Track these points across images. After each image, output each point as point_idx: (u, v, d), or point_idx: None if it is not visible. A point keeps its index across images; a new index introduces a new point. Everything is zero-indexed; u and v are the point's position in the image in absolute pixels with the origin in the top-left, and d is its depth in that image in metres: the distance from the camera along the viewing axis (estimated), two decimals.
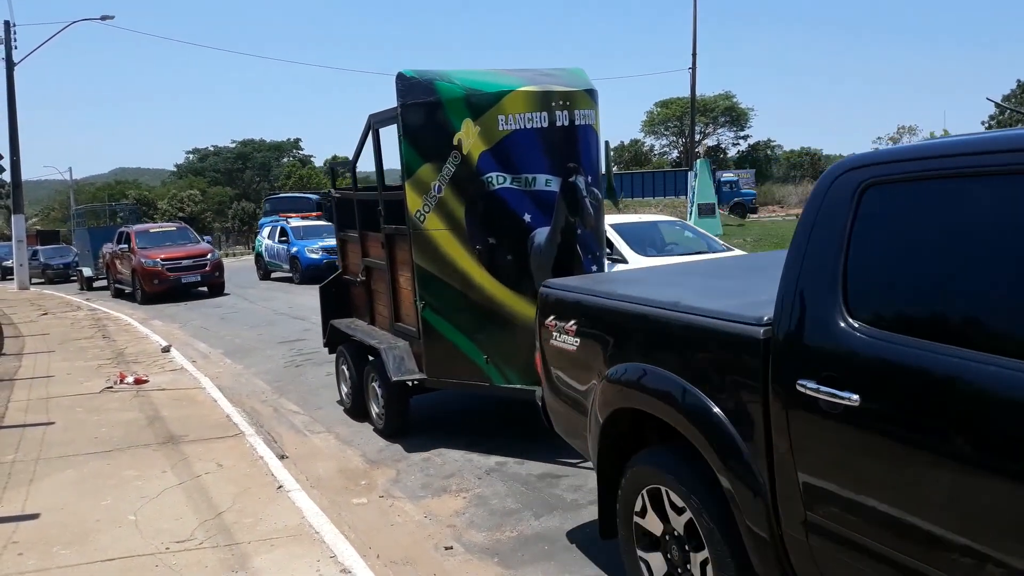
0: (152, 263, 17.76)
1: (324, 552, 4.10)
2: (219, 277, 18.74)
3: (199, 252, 18.81)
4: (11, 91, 24.41)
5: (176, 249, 18.58)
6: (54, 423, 6.88)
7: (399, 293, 6.20)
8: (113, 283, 20.39)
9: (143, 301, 17.61)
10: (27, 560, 4.10)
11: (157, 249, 18.41)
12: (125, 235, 19.31)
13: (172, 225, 22.33)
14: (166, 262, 17.80)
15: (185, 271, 18.03)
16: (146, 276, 17.72)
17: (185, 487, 5.14)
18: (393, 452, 5.97)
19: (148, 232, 19.80)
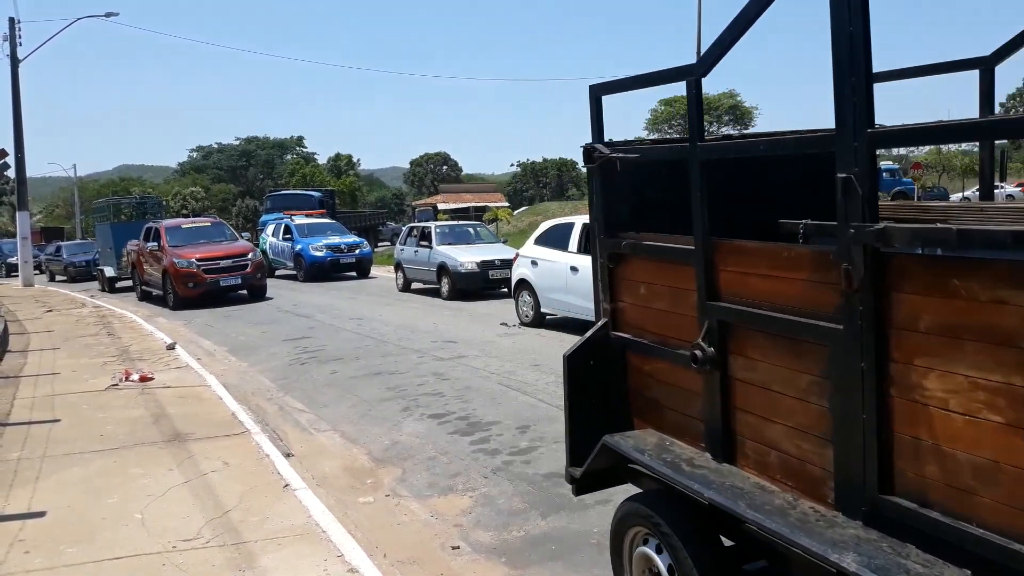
0: (186, 263, 15.77)
1: (331, 551, 4.09)
2: (261, 279, 16.76)
3: (238, 251, 16.69)
4: (16, 88, 24.45)
5: (212, 247, 16.58)
6: (60, 420, 6.88)
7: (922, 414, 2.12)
8: (140, 285, 18.49)
9: (176, 306, 15.75)
10: (34, 558, 4.10)
11: (191, 247, 16.42)
12: (154, 231, 17.33)
13: (207, 220, 20.20)
14: (202, 262, 15.82)
15: (223, 272, 16.02)
16: (179, 278, 15.75)
17: (191, 485, 5.14)
18: (399, 451, 5.96)
19: (180, 228, 17.75)
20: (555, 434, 6.08)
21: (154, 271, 17.07)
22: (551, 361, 8.75)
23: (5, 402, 7.64)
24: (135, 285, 19.06)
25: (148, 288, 17.87)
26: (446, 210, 50.11)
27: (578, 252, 10.42)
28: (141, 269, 18.18)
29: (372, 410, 7.16)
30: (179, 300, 15.78)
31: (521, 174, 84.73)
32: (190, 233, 17.49)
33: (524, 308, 11.61)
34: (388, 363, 9.18)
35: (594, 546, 4.15)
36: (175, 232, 17.19)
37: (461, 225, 19.20)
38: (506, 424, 6.45)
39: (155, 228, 17.45)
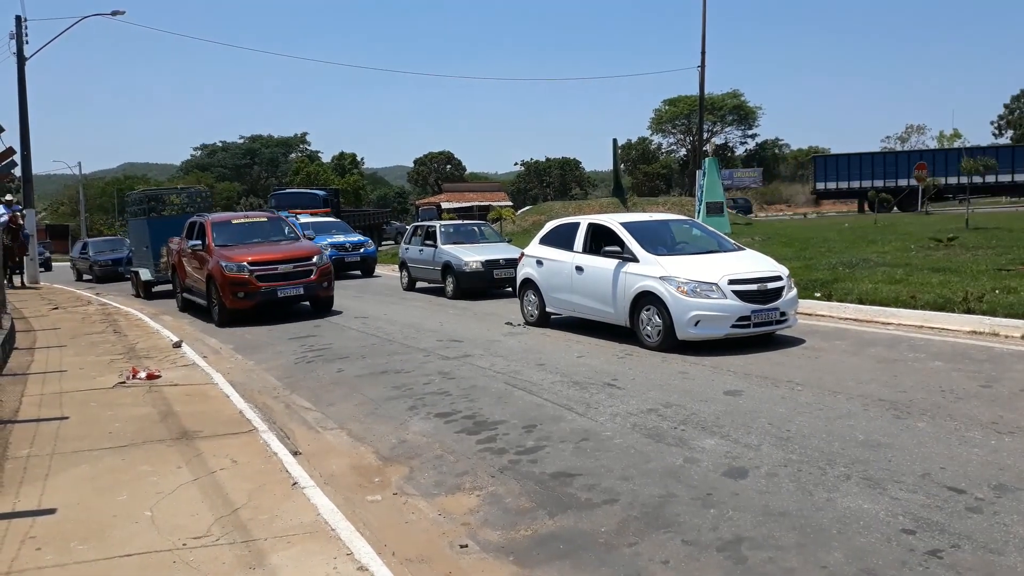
0: (235, 268, 12.75)
1: (340, 549, 4.11)
2: (328, 288, 13.61)
3: (301, 253, 13.49)
4: (22, 86, 24.51)
5: (269, 248, 13.52)
6: (68, 418, 6.91)
7: None
8: (180, 292, 15.48)
9: (222, 322, 12.91)
10: (45, 555, 4.12)
11: (242, 248, 13.36)
12: (199, 227, 14.29)
13: (262, 215, 16.21)
14: (256, 267, 12.77)
15: (282, 280, 12.95)
16: (227, 286, 12.68)
17: (200, 483, 5.16)
18: (406, 449, 5.99)
19: (230, 224, 14.49)
20: (561, 434, 6.10)
21: (198, 276, 14.05)
22: (556, 361, 8.77)
23: (13, 399, 7.67)
24: (175, 292, 16.02)
25: (190, 296, 14.83)
26: (450, 209, 50.13)
27: (583, 252, 10.43)
28: (182, 272, 15.14)
29: (379, 409, 7.18)
30: (226, 314, 12.86)
31: (524, 173, 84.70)
32: (242, 230, 14.28)
33: (529, 308, 11.63)
34: (394, 362, 9.21)
35: (602, 545, 4.17)
36: (223, 229, 14.10)
37: (466, 224, 19.22)
38: (512, 423, 6.47)
39: (200, 224, 14.35)
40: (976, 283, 11.44)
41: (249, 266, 12.77)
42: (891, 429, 5.77)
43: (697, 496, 4.74)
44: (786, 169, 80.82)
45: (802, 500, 4.58)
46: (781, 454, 5.37)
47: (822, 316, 10.96)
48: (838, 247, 19.24)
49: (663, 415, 6.45)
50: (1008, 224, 23.26)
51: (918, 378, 7.21)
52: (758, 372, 7.76)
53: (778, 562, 3.86)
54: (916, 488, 4.65)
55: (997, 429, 5.64)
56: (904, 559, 3.81)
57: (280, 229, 14.96)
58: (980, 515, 4.25)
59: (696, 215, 27.16)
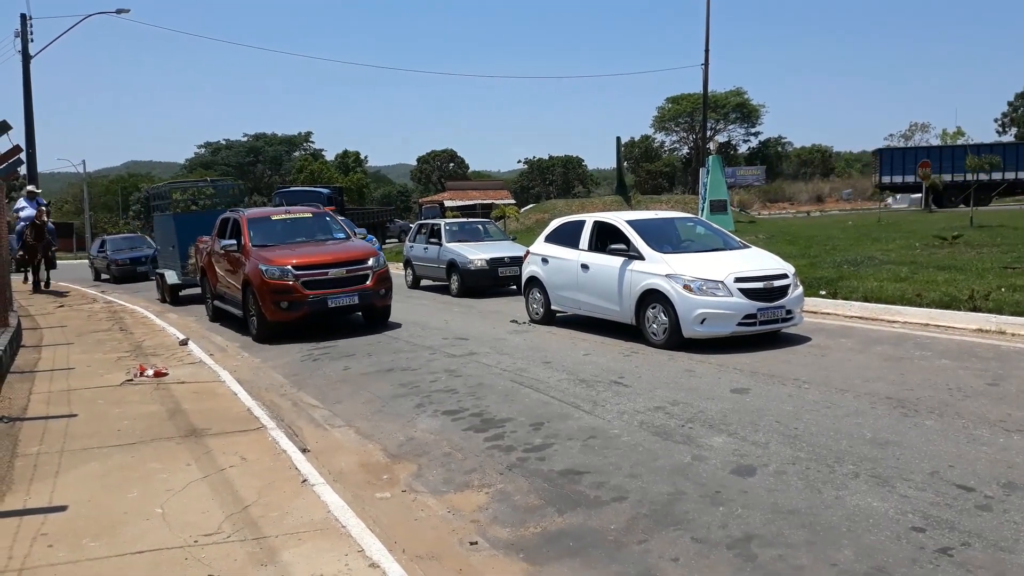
0: (278, 273, 10.69)
1: (351, 546, 4.12)
2: (386, 296, 11.63)
3: (354, 254, 11.50)
4: (27, 84, 24.57)
5: (316, 249, 11.55)
6: (76, 415, 6.94)
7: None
8: (211, 299, 13.46)
9: (261, 335, 10.99)
10: (57, 552, 4.14)
11: (285, 249, 11.39)
12: (232, 224, 12.41)
13: (306, 210, 13.72)
14: (302, 271, 10.79)
15: (333, 287, 10.94)
16: (267, 294, 10.68)
17: (210, 480, 5.18)
18: (414, 447, 6.00)
19: (269, 221, 12.42)
20: (569, 431, 6.11)
21: (232, 281, 12.07)
22: (562, 359, 8.78)
23: (22, 397, 7.70)
24: (205, 298, 13.99)
25: (223, 305, 12.90)
26: (453, 207, 50.14)
27: (589, 250, 10.44)
28: (213, 277, 13.17)
29: (386, 406, 7.20)
30: (266, 327, 10.86)
31: (527, 171, 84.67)
32: (283, 228, 12.31)
33: (534, 305, 11.63)
34: (400, 360, 9.22)
35: (612, 543, 4.18)
36: (261, 226, 12.09)
37: (471, 222, 19.23)
38: (520, 421, 6.48)
39: (234, 220, 12.46)
40: (982, 281, 11.43)
41: (294, 270, 10.69)
42: (899, 427, 5.77)
43: (706, 494, 4.74)
44: (789, 167, 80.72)
45: (811, 498, 4.59)
46: (789, 452, 5.37)
47: (827, 314, 10.96)
48: (842, 245, 19.22)
49: (670, 413, 6.45)
50: (1012, 222, 23.22)
51: (925, 376, 7.21)
52: (765, 370, 7.76)
53: (788, 560, 3.87)
54: (925, 486, 4.65)
55: (1005, 427, 5.64)
56: (914, 557, 3.81)
57: (327, 226, 12.84)
58: (990, 513, 4.25)
59: (700, 213, 27.15)
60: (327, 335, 11.24)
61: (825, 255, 16.77)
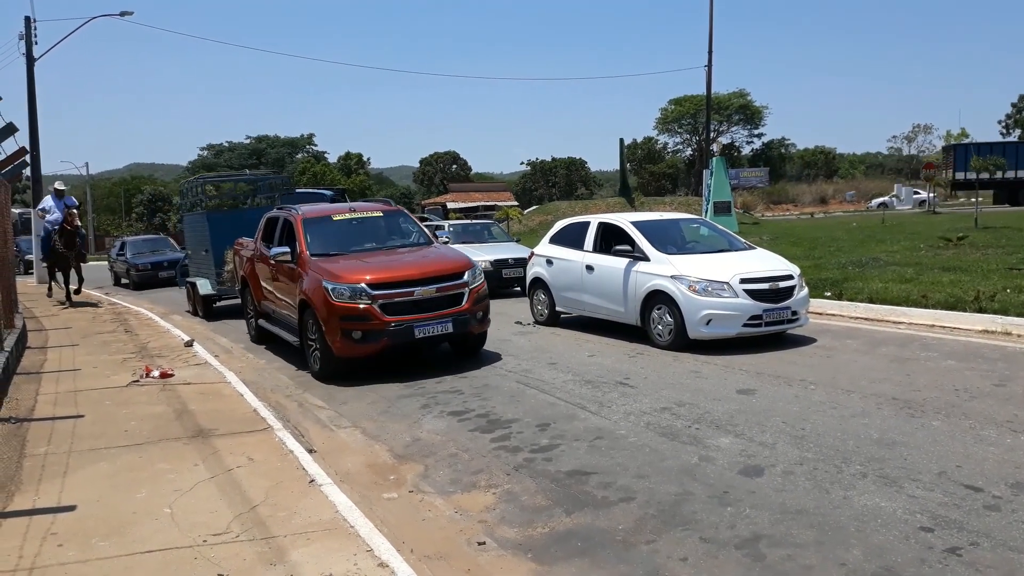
0: (348, 292, 8.16)
1: (360, 546, 4.13)
2: (483, 321, 8.98)
3: (446, 267, 8.79)
4: (31, 86, 24.64)
5: (396, 261, 8.99)
6: (83, 416, 6.95)
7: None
8: (254, 317, 11.01)
9: (326, 372, 8.48)
10: (67, 551, 4.15)
11: (354, 260, 8.81)
12: (283, 226, 9.90)
13: (376, 207, 10.73)
14: (380, 291, 8.19)
15: (421, 311, 8.33)
16: (335, 320, 8.14)
17: (217, 480, 5.19)
18: (420, 448, 6.01)
19: (330, 221, 9.73)
20: (575, 432, 6.12)
21: (284, 299, 9.56)
22: (568, 360, 8.78)
23: (29, 398, 7.72)
24: (246, 314, 11.46)
25: (269, 326, 10.34)
26: (456, 209, 50.17)
27: (594, 251, 10.44)
28: (257, 290, 10.66)
29: (392, 407, 7.20)
30: (332, 363, 8.37)
31: (530, 173, 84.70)
32: (348, 231, 9.66)
33: (539, 307, 11.64)
34: (405, 360, 9.22)
35: (620, 543, 4.18)
36: (321, 229, 9.46)
37: (474, 224, 19.24)
38: (526, 422, 6.49)
39: (284, 221, 9.91)
40: (987, 282, 11.41)
41: (369, 289, 8.11)
42: (906, 428, 5.77)
43: (714, 494, 4.74)
44: (792, 169, 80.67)
45: (819, 498, 4.58)
46: (796, 452, 5.37)
47: (833, 315, 10.95)
48: (847, 247, 19.20)
49: (677, 414, 6.45)
50: (1017, 223, 23.17)
51: (931, 377, 7.20)
52: (770, 371, 7.75)
53: (797, 559, 3.87)
54: (933, 486, 4.65)
55: (1012, 427, 5.64)
56: (923, 557, 3.81)
57: (403, 228, 10.21)
58: (998, 513, 4.25)
59: (704, 214, 27.15)
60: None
61: (830, 256, 16.76)
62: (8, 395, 7.72)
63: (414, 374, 8.50)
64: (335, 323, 8.15)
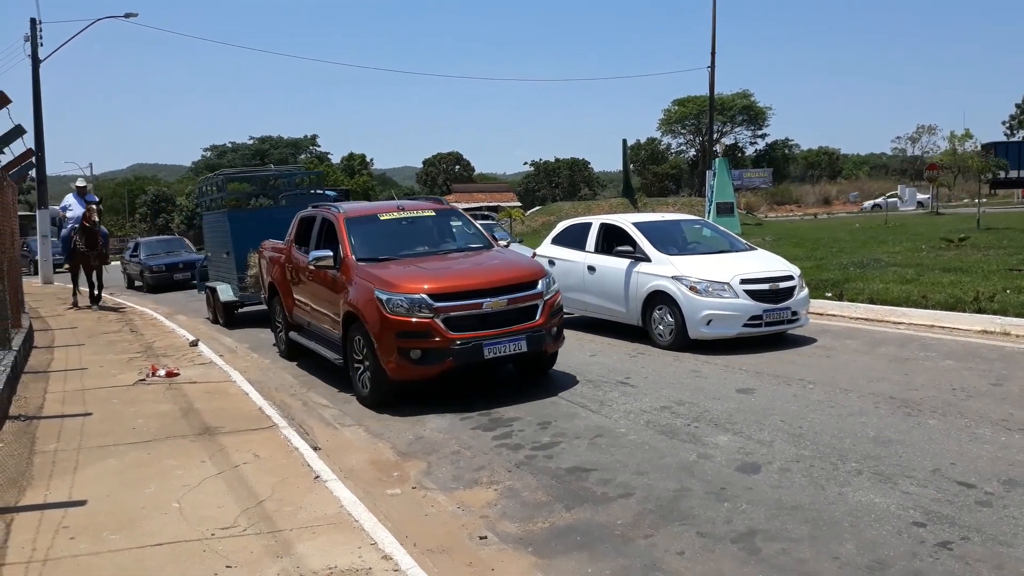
0: (405, 304, 7.00)
1: (364, 539, 4.22)
2: (559, 338, 7.76)
3: (517, 274, 7.55)
4: (36, 88, 24.76)
5: (459, 268, 7.82)
6: (91, 414, 7.05)
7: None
8: (284, 329, 9.81)
9: (377, 397, 7.30)
10: (79, 544, 4.25)
11: (408, 266, 7.70)
12: (321, 226, 8.77)
13: (426, 205, 9.22)
14: (444, 302, 7.02)
15: (490, 327, 7.15)
16: (390, 336, 6.99)
17: (225, 476, 5.29)
18: (423, 445, 6.10)
19: (376, 221, 8.53)
20: (576, 430, 6.21)
21: (322, 310, 8.41)
22: (569, 359, 8.86)
23: (37, 396, 7.83)
24: (273, 325, 10.42)
25: (303, 339, 9.11)
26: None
27: (596, 252, 10.53)
28: (288, 298, 9.52)
29: (394, 406, 7.29)
30: (385, 386, 7.21)
31: (533, 174, 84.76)
32: (397, 233, 8.47)
33: None
34: None
35: (618, 537, 4.28)
36: (367, 230, 8.30)
37: None
38: (527, 420, 6.58)
39: (323, 221, 8.76)
40: (987, 283, 11.48)
41: (430, 300, 6.94)
42: (902, 426, 5.85)
43: (711, 490, 4.83)
44: (796, 169, 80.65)
45: (814, 494, 4.67)
46: (793, 450, 5.46)
47: (833, 316, 11.02)
48: (849, 247, 19.26)
49: (676, 412, 6.54)
50: (1019, 224, 23.21)
51: (929, 376, 7.28)
52: (770, 371, 7.84)
53: (791, 553, 3.96)
54: (926, 483, 4.73)
55: (1007, 426, 5.71)
56: (915, 551, 3.90)
57: (457, 230, 9.04)
58: (990, 509, 4.33)
59: (707, 215, 27.21)
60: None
61: (831, 257, 16.83)
62: (17, 393, 7.83)
63: None
64: (390, 340, 6.95)
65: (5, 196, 10.21)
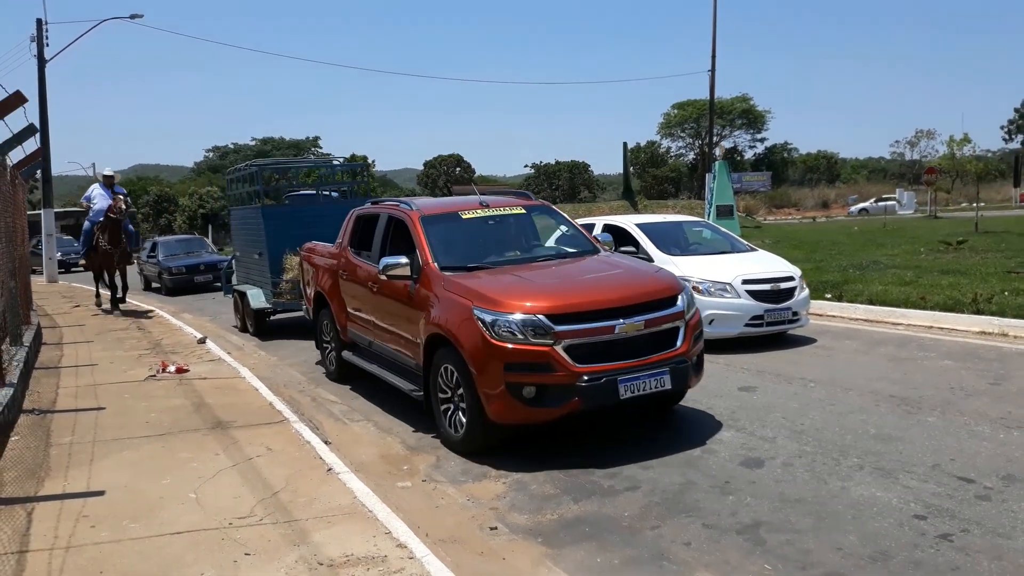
0: (517, 326, 5.38)
1: (379, 529, 4.33)
2: (699, 368, 6.16)
3: (650, 290, 5.88)
4: (42, 88, 24.88)
5: (576, 280, 6.23)
6: (104, 408, 7.16)
7: None
8: (335, 347, 8.34)
9: (474, 440, 5.76)
10: (100, 532, 4.36)
11: (506, 278, 6.08)
12: (390, 227, 7.32)
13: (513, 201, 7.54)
14: (564, 324, 5.39)
15: (624, 357, 5.51)
16: (496, 368, 5.37)
17: (239, 468, 5.39)
18: (432, 440, 6.20)
19: (458, 220, 6.98)
20: (582, 425, 6.31)
21: (391, 328, 6.92)
22: None
23: (49, 391, 7.93)
24: (319, 341, 8.93)
25: (361, 362, 7.63)
26: None
27: None
28: (341, 313, 8.02)
29: (402, 402, 7.38)
30: (485, 430, 5.67)
31: (534, 176, 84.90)
32: (484, 235, 7.08)
33: None
34: None
35: (626, 528, 4.38)
36: (447, 230, 6.85)
37: None
38: None
39: (390, 220, 7.33)
40: (985, 285, 11.60)
41: (548, 320, 5.42)
42: (902, 423, 5.96)
43: (716, 484, 4.94)
44: (794, 173, 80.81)
45: (817, 488, 4.78)
46: (796, 446, 5.57)
47: (833, 317, 11.14)
48: (848, 250, 19.38)
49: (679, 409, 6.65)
50: (1018, 228, 23.34)
51: (928, 376, 7.39)
52: (771, 369, 7.95)
53: (795, 544, 4.07)
54: (927, 478, 4.84)
55: (1006, 424, 5.83)
56: (916, 542, 4.01)
57: (552, 231, 7.71)
58: (989, 502, 4.44)
59: (707, 218, 27.33)
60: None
61: (830, 260, 16.95)
62: (30, 388, 7.93)
63: None
64: (495, 373, 5.34)
65: (16, 194, 10.31)
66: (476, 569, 3.99)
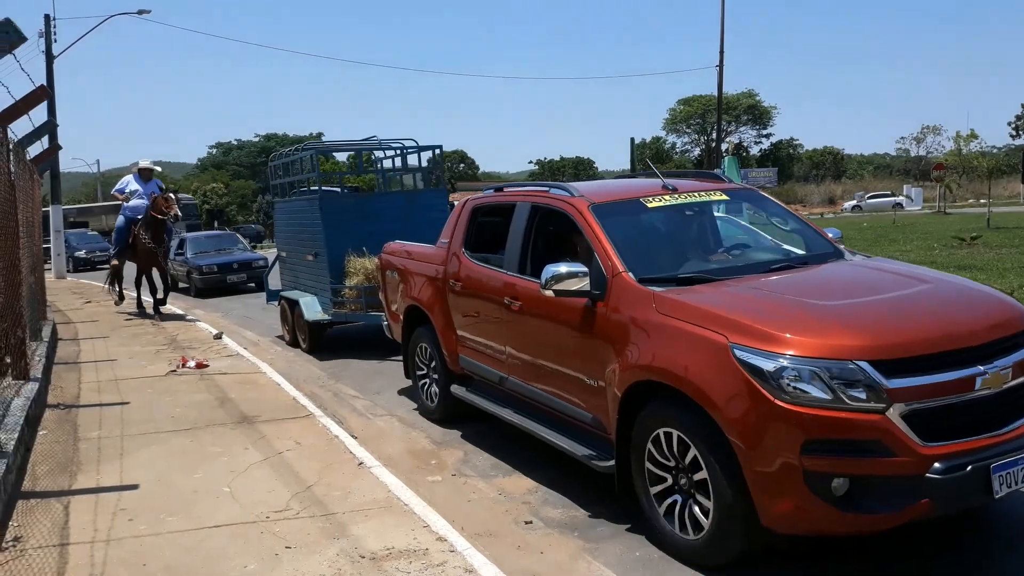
0: (818, 376, 3.31)
1: (416, 522, 4.34)
2: None
3: (1002, 318, 3.78)
4: (50, 84, 24.90)
5: (907, 303, 3.84)
6: (129, 403, 7.18)
7: None
8: (440, 379, 6.39)
9: (725, 557, 3.65)
10: (138, 525, 4.37)
11: (764, 295, 4.01)
12: (536, 219, 5.28)
13: (710, 186, 5.33)
14: (900, 375, 3.32)
15: (986, 428, 3.43)
16: (791, 441, 3.28)
17: (270, 462, 5.41)
18: (458, 435, 6.20)
19: (643, 211, 4.90)
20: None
21: (550, 365, 4.89)
22: None
23: (72, 386, 7.95)
24: (411, 369, 6.97)
25: (483, 401, 5.81)
26: None
27: None
28: (449, 335, 6.13)
29: None
30: (751, 537, 3.55)
31: (539, 172, 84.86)
32: (680, 232, 5.17)
33: None
34: None
35: None
36: (631, 225, 4.87)
37: None
38: None
39: (533, 211, 5.32)
40: (1003, 280, 11.57)
41: (873, 369, 3.34)
42: None
43: None
44: (800, 169, 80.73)
45: None
46: None
47: None
48: (859, 246, 19.32)
49: None
50: None
51: None
52: None
53: None
54: None
55: None
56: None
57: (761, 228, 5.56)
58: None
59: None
60: (359, 328, 10.95)
61: None
62: (52, 383, 7.95)
63: None
64: (786, 454, 3.36)
65: (33, 189, 10.33)
66: (516, 563, 3.99)
